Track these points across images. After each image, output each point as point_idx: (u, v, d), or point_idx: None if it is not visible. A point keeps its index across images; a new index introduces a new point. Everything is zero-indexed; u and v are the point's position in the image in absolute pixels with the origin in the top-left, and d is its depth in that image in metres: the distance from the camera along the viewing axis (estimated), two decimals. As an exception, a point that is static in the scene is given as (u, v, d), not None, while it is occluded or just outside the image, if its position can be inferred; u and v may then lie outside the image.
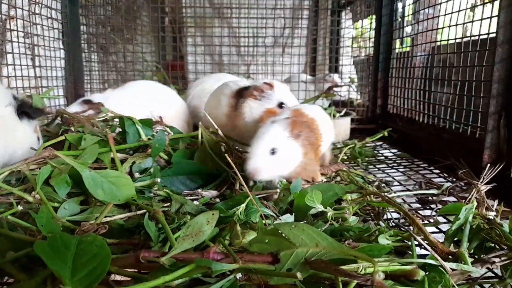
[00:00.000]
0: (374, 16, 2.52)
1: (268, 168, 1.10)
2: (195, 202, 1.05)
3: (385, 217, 1.05)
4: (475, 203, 0.90)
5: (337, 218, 0.98)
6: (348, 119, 2.38)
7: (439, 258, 0.67)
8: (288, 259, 0.63)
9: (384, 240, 0.82)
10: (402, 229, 0.97)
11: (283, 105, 1.47)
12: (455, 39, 1.66)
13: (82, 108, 1.71)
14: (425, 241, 0.76)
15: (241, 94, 1.55)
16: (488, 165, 1.30)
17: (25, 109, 1.27)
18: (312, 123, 1.25)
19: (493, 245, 0.81)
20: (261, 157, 1.10)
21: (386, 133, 2.07)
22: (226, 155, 1.05)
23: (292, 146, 1.13)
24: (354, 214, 1.01)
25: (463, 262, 0.69)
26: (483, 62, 1.43)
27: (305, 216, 0.97)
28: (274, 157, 1.10)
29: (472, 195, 1.11)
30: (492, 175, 1.24)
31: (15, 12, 1.97)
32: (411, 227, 0.92)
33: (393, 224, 1.03)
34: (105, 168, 1.10)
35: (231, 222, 0.86)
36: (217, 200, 1.11)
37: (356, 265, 0.63)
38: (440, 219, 1.04)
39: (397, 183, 1.42)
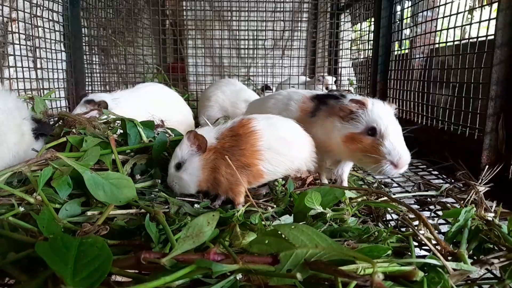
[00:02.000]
0: (373, 19, 2.53)
1: (177, 183, 1.08)
2: (195, 205, 1.05)
3: (384, 218, 1.06)
4: (474, 207, 0.91)
5: (336, 219, 0.98)
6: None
7: (441, 257, 0.67)
8: (288, 260, 0.64)
9: (383, 242, 0.82)
10: (403, 228, 0.98)
11: (374, 133, 1.10)
12: (454, 41, 1.67)
13: (85, 108, 1.72)
14: (428, 239, 0.76)
15: (322, 100, 1.29)
16: (487, 166, 1.31)
17: (42, 131, 1.30)
18: (248, 137, 1.08)
19: (492, 246, 0.81)
20: (171, 172, 1.09)
21: None
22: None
23: (195, 160, 1.05)
24: (353, 215, 1.02)
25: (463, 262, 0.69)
26: (481, 64, 1.43)
27: (305, 217, 0.98)
28: (179, 173, 1.07)
29: (470, 196, 1.11)
30: (491, 176, 1.25)
31: (17, 15, 1.98)
32: (410, 229, 0.93)
33: (393, 225, 1.03)
34: (106, 170, 1.11)
35: (231, 224, 0.87)
36: (217, 205, 1.11)
37: (356, 266, 0.63)
38: (439, 220, 1.04)
39: (396, 185, 1.43)
